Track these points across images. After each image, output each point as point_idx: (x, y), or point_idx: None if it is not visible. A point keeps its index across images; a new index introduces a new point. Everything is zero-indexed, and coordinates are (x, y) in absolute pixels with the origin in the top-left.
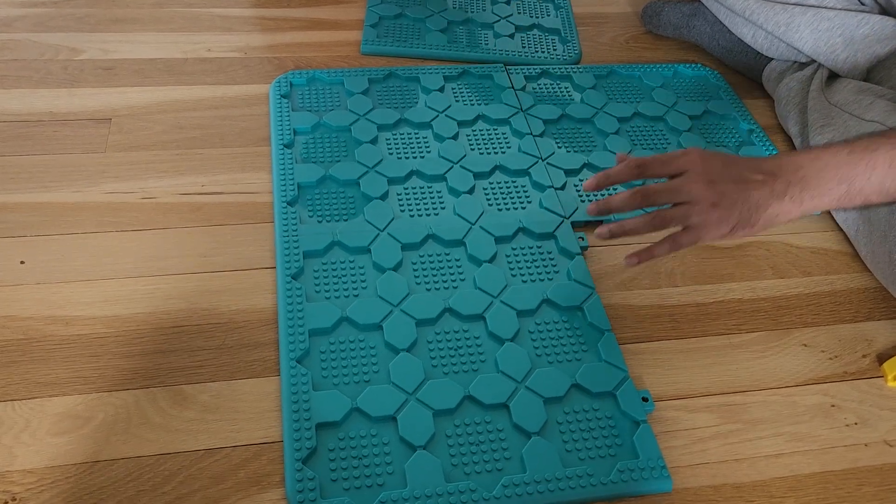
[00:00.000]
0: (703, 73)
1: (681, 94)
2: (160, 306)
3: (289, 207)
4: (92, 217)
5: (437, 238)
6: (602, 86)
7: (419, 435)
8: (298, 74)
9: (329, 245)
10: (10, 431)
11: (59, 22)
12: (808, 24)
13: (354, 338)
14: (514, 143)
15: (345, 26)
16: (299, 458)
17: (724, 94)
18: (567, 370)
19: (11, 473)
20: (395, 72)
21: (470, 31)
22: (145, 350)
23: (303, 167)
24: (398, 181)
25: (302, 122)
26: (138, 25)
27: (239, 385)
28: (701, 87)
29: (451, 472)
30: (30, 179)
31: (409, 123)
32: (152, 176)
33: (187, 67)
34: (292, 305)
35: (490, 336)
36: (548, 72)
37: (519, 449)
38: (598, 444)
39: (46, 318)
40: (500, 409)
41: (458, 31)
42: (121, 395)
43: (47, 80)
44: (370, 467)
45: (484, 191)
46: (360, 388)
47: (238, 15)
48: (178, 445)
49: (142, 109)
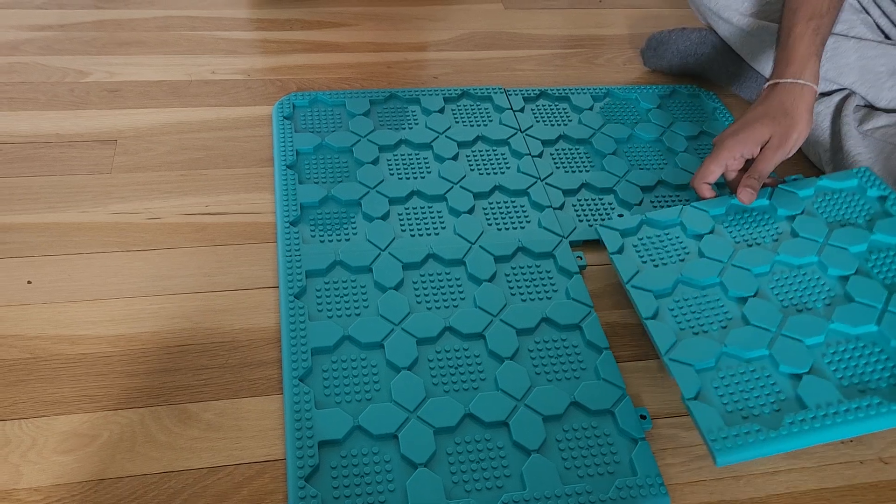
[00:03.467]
0: (698, 93)
1: (677, 116)
2: (165, 325)
3: (291, 227)
4: (98, 237)
5: (437, 257)
6: (599, 107)
7: (420, 453)
8: (301, 96)
9: (331, 264)
10: (18, 450)
11: (66, 45)
12: (855, 49)
13: (356, 356)
14: (513, 164)
15: (346, 48)
16: (302, 476)
17: (719, 114)
18: (566, 388)
19: (18, 491)
20: (395, 93)
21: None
22: (150, 369)
23: (305, 187)
24: (399, 201)
25: (304, 143)
26: (144, 48)
27: (242, 403)
28: (697, 108)
29: (452, 490)
30: (37, 200)
31: (410, 144)
32: (157, 196)
33: (192, 89)
34: (295, 324)
35: (490, 354)
36: (546, 93)
37: (519, 466)
38: (597, 462)
39: (53, 337)
40: (500, 427)
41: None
42: (126, 413)
43: (54, 102)
44: (372, 485)
45: (484, 211)
46: (361, 406)
47: (241, 38)
48: (182, 463)
49: (147, 131)
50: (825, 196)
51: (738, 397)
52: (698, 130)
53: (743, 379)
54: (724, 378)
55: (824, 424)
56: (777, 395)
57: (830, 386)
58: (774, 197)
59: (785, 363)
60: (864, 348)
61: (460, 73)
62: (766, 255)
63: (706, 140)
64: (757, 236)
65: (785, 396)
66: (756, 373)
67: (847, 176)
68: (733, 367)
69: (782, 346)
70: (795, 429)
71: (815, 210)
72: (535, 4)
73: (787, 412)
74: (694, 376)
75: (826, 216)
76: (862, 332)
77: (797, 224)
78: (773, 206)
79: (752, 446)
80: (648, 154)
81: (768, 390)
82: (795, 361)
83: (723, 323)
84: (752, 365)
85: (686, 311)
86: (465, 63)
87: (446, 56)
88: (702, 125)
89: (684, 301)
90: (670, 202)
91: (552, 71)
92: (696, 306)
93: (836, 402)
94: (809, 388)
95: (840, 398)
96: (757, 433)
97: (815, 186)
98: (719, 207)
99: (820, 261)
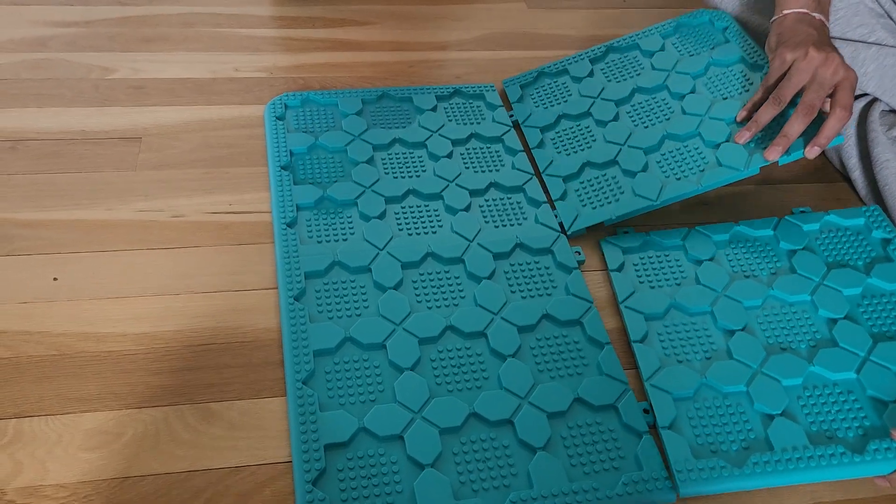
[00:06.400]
0: (703, 19)
1: (682, 52)
2: (189, 324)
3: (288, 229)
4: (122, 235)
5: (436, 256)
6: (600, 69)
7: (426, 453)
8: (293, 96)
9: (330, 265)
10: (44, 446)
11: (90, 41)
12: (874, 58)
13: (358, 357)
14: (507, 161)
15: (368, 47)
16: (309, 480)
17: (732, 36)
18: (569, 384)
19: (45, 487)
20: (387, 92)
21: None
22: (174, 367)
23: (301, 188)
24: (395, 200)
25: (298, 144)
26: (168, 45)
27: (265, 403)
28: (704, 36)
29: (460, 490)
30: (62, 197)
31: (404, 143)
32: (181, 194)
33: (216, 87)
34: (296, 326)
35: (492, 353)
36: (543, 72)
37: (525, 464)
38: (603, 458)
39: (78, 334)
40: (505, 426)
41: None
42: (150, 411)
43: (79, 99)
44: (379, 486)
45: (480, 208)
46: (366, 407)
47: (264, 35)
48: (205, 462)
49: (171, 128)
50: (829, 232)
51: (710, 430)
52: (706, 62)
53: (718, 413)
54: (699, 409)
55: (787, 468)
56: (748, 432)
57: (799, 430)
58: (779, 228)
59: (760, 402)
60: (839, 395)
61: (482, 73)
62: (760, 288)
63: (715, 72)
64: (755, 268)
65: (755, 436)
66: (731, 408)
67: (855, 214)
68: (710, 399)
69: (760, 384)
70: (759, 469)
71: (816, 247)
72: (558, 4)
73: (754, 451)
74: (671, 405)
75: (827, 254)
76: (840, 378)
77: (796, 260)
78: (777, 237)
79: (716, 481)
80: (654, 107)
81: (740, 427)
82: (770, 402)
83: (707, 354)
84: (729, 400)
85: (674, 338)
86: (488, 63)
87: (468, 56)
88: (710, 54)
89: (673, 327)
90: (678, 156)
91: None
92: (685, 334)
93: (801, 448)
94: (779, 431)
95: (806, 444)
96: (721, 469)
97: (822, 221)
98: (723, 234)
99: (812, 300)
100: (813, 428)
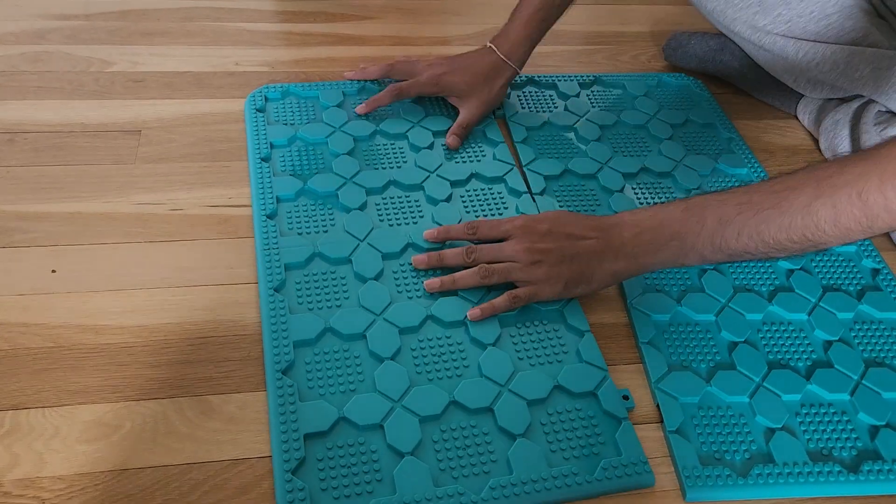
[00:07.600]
0: (686, 82)
1: (664, 104)
2: (187, 317)
3: (268, 220)
4: (121, 228)
5: (416, 246)
6: (586, 94)
7: (406, 441)
8: (273, 88)
9: (310, 256)
10: (41, 438)
11: (90, 34)
12: (869, 61)
13: (339, 348)
14: (488, 152)
15: (370, 42)
16: (288, 469)
17: (706, 103)
18: (549, 372)
19: (42, 479)
20: (366, 84)
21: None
22: (172, 360)
23: (280, 180)
24: (376, 191)
25: (278, 136)
26: (168, 38)
27: (264, 396)
28: (684, 96)
29: (440, 477)
30: (62, 189)
31: (385, 134)
32: (180, 188)
33: (216, 81)
34: (276, 318)
35: (472, 341)
36: (533, 80)
37: (505, 451)
38: (582, 444)
39: (77, 326)
40: (484, 413)
41: None
42: (148, 404)
43: (79, 92)
44: (359, 475)
45: (461, 198)
46: (346, 397)
47: (265, 29)
48: (204, 455)
49: (171, 122)
50: (823, 256)
51: (714, 438)
52: (684, 119)
53: (721, 422)
54: (703, 416)
55: (788, 482)
56: (750, 444)
57: (799, 446)
58: None
59: (762, 414)
60: (834, 415)
61: None
62: (760, 302)
63: (691, 128)
64: (756, 283)
65: (756, 447)
66: (734, 418)
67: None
68: (714, 407)
69: (762, 397)
70: (762, 481)
71: (812, 268)
72: None
73: (756, 462)
74: (678, 409)
75: (822, 277)
76: (835, 398)
77: (794, 279)
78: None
79: (722, 489)
80: (633, 141)
81: (742, 437)
82: (771, 415)
83: (711, 362)
84: (732, 409)
85: (679, 343)
86: None
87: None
88: (688, 113)
89: (678, 332)
90: (652, 189)
91: (576, 67)
92: (689, 340)
93: (801, 463)
94: (780, 444)
95: (806, 460)
96: (727, 478)
97: None
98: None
99: (809, 320)
100: (811, 445)
